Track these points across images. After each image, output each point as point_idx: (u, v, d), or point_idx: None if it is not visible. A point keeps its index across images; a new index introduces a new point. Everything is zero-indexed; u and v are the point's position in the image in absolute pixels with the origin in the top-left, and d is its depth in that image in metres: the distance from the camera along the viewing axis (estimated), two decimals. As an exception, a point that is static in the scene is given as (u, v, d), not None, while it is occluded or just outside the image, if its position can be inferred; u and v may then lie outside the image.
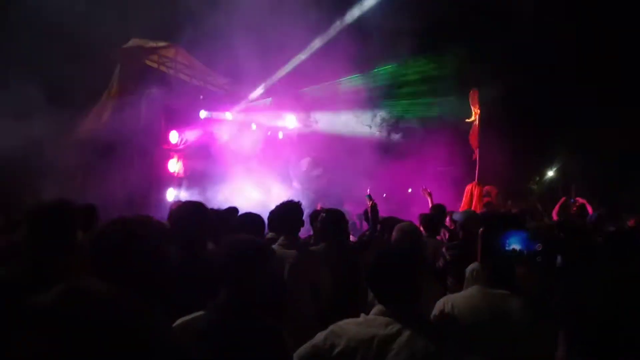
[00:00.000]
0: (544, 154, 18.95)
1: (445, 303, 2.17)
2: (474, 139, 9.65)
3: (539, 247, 1.82)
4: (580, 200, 8.34)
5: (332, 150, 12.00)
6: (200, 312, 1.97)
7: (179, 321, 1.94)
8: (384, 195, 19.43)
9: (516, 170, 18.43)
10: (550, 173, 18.20)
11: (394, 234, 3.49)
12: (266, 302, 2.09)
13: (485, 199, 8.85)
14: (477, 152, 9.57)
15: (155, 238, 1.69)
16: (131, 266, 1.59)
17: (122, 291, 1.07)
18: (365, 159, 13.18)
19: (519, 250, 1.97)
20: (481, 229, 2.10)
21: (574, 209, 8.08)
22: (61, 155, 9.17)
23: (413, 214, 8.73)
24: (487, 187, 9.42)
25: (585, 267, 2.18)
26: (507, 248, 1.99)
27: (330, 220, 4.05)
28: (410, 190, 18.40)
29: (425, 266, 3.58)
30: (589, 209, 7.86)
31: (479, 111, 9.49)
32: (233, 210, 5.27)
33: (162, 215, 6.62)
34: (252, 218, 3.61)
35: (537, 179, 19.88)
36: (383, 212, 7.21)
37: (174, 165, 9.27)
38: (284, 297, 2.92)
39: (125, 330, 0.96)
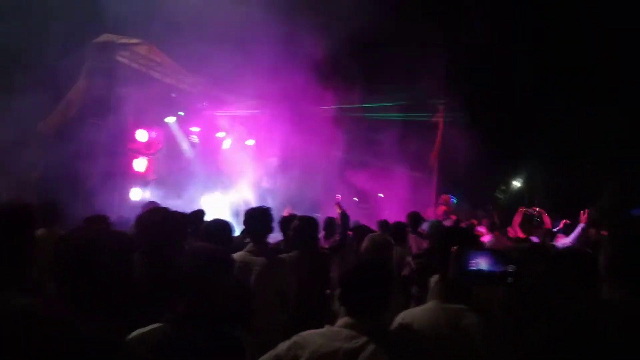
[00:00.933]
0: (511, 163, 19.42)
1: (404, 317, 2.18)
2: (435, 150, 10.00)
3: (511, 268, 1.80)
4: (540, 210, 8.59)
5: (302, 152, 12.00)
6: (158, 324, 1.91)
7: (135, 333, 1.88)
8: (355, 199, 19.56)
9: (482, 178, 18.89)
10: (516, 182, 18.68)
11: (365, 243, 3.50)
12: (229, 312, 2.05)
13: (441, 208, 8.92)
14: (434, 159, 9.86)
15: (116, 249, 1.66)
16: (90, 277, 1.56)
17: (48, 306, 1.08)
18: (337, 161, 13.30)
19: (487, 270, 1.96)
20: (454, 248, 2.07)
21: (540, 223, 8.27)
22: (24, 151, 8.88)
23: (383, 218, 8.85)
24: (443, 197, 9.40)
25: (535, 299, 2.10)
26: (472, 267, 1.99)
27: (303, 228, 4.06)
28: (381, 195, 18.59)
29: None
30: (547, 220, 8.13)
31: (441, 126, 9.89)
32: (200, 213, 5.22)
33: (125, 214, 6.50)
34: (218, 224, 3.47)
35: (503, 187, 20.40)
36: (354, 217, 7.32)
37: (140, 165, 9.07)
38: (249, 307, 2.88)
39: (45, 346, 0.97)
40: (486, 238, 6.91)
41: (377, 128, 15.05)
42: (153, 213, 2.73)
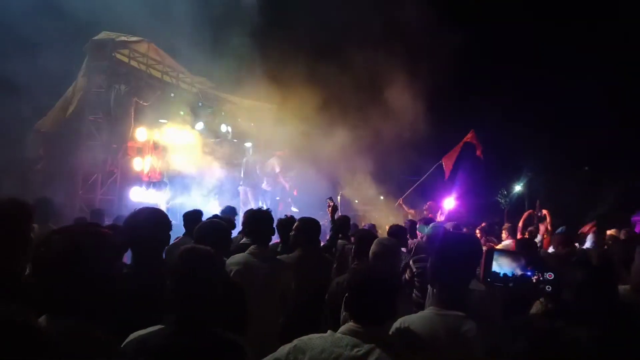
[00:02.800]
0: (513, 169, 19.52)
1: (402, 324, 2.14)
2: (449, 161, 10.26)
3: (549, 275, 1.71)
4: (544, 211, 8.70)
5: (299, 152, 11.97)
6: (157, 327, 1.88)
7: (133, 335, 1.85)
8: (356, 201, 19.53)
9: (484, 183, 19.00)
10: (518, 187, 18.73)
11: (374, 247, 3.41)
12: (225, 315, 2.03)
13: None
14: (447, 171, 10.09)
15: (101, 252, 1.66)
16: (68, 278, 1.56)
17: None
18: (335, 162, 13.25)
19: (520, 276, 1.87)
20: (485, 249, 1.99)
21: (540, 225, 8.39)
22: (23, 148, 8.84)
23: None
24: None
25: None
26: (503, 272, 1.91)
27: (305, 229, 4.01)
28: (382, 197, 18.56)
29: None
30: (549, 220, 8.26)
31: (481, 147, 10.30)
32: (197, 213, 5.15)
33: (125, 214, 6.44)
34: (212, 225, 3.24)
35: (505, 192, 20.41)
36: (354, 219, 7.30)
37: (140, 164, 9.00)
38: (244, 310, 2.83)
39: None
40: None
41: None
42: (138, 213, 2.67)
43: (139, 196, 8.72)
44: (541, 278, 1.79)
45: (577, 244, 6.13)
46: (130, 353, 1.79)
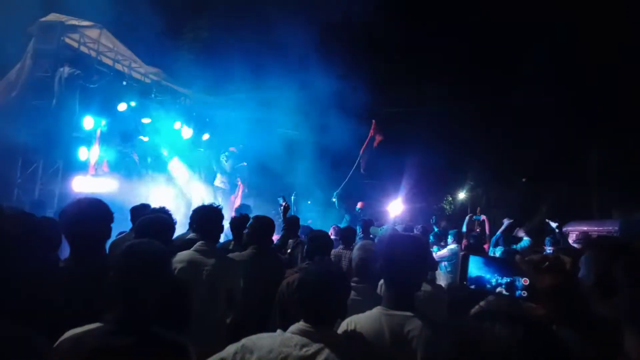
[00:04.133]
0: (457, 176, 20.31)
1: (349, 323, 2.16)
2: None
3: (524, 280, 1.75)
4: (483, 217, 9.32)
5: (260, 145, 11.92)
6: (95, 325, 1.79)
7: (68, 334, 1.76)
8: (309, 202, 19.66)
9: (430, 189, 19.68)
10: (462, 194, 19.51)
11: (358, 252, 3.37)
12: (167, 312, 1.95)
13: None
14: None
15: (28, 242, 1.55)
16: None
17: None
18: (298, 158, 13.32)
19: (495, 280, 1.89)
20: (462, 253, 2.04)
21: (477, 228, 8.91)
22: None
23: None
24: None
25: None
26: (479, 276, 1.92)
27: (259, 227, 4.01)
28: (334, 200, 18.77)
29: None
30: (487, 226, 8.81)
31: (381, 138, 10.62)
32: (144, 207, 5.01)
33: (62, 205, 6.17)
34: (155, 219, 3.11)
35: (450, 198, 21.16)
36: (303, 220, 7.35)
37: (86, 154, 8.61)
38: (188, 307, 2.78)
39: None
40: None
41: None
42: (76, 204, 2.54)
43: (83, 187, 8.35)
44: (517, 283, 1.84)
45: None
46: (64, 353, 1.70)
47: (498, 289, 1.80)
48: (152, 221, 2.97)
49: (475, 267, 1.89)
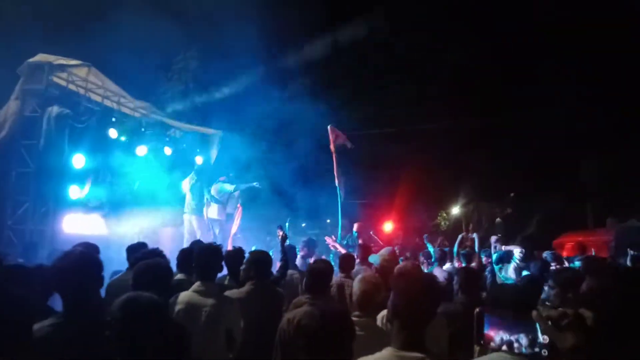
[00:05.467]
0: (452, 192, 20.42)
1: None
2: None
3: (544, 339, 1.58)
4: (473, 235, 9.37)
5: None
6: None
7: None
8: (303, 225, 19.62)
9: (424, 205, 19.77)
10: (456, 210, 19.59)
11: (359, 284, 3.28)
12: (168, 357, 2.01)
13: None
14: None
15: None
16: None
17: None
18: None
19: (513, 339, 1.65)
20: (477, 311, 1.85)
21: (469, 243, 8.93)
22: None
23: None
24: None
25: None
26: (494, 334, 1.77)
27: (256, 262, 3.97)
28: (328, 220, 18.83)
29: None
30: (477, 243, 8.80)
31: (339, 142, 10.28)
32: (140, 246, 4.95)
33: (58, 246, 6.09)
34: (154, 266, 3.05)
35: (444, 214, 21.19)
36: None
37: (77, 192, 8.54)
38: (189, 350, 2.74)
39: None
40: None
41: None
42: (63, 258, 2.58)
43: (74, 226, 8.25)
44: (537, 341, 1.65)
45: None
46: None
47: (516, 345, 1.67)
48: (150, 268, 2.94)
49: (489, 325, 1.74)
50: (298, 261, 6.70)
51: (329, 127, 10.44)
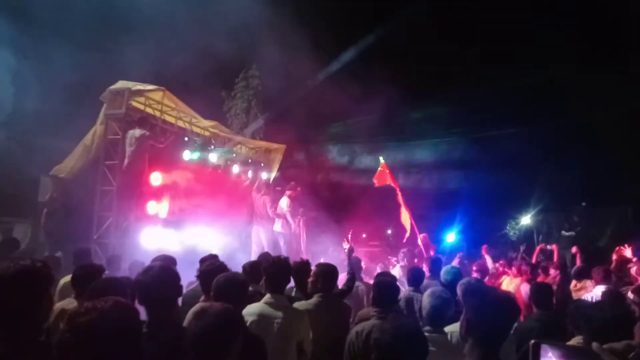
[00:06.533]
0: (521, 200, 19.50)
1: None
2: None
3: None
4: (552, 247, 8.98)
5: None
6: None
7: None
8: (364, 235, 19.57)
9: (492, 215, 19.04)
10: (527, 219, 18.68)
11: (429, 299, 3.21)
12: None
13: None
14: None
15: (128, 332, 1.67)
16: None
17: None
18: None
19: None
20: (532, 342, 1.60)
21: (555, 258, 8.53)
22: (42, 191, 9.08)
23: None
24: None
25: None
26: None
27: (323, 275, 4.06)
28: (389, 231, 18.68)
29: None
30: (555, 255, 8.42)
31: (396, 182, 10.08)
32: (212, 258, 5.19)
33: (139, 258, 6.55)
34: (229, 280, 3.11)
35: (514, 223, 20.24)
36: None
37: (154, 207, 9.13)
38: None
39: None
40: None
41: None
42: (146, 272, 2.81)
43: (152, 240, 8.80)
44: None
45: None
46: None
47: None
48: (228, 282, 3.11)
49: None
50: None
51: (381, 161, 10.25)
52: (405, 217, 9.85)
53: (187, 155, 9.83)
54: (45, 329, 2.33)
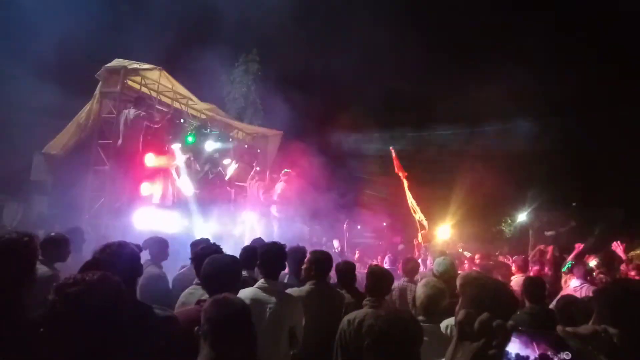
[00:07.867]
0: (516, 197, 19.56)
1: None
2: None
3: (565, 355, 1.40)
4: (549, 247, 8.90)
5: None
6: None
7: None
8: (359, 227, 19.53)
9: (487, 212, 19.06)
10: (522, 216, 18.76)
11: (423, 289, 3.18)
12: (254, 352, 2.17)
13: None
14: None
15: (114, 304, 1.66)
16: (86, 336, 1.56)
17: None
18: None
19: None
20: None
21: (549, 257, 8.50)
22: (34, 169, 8.94)
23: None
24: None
25: None
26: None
27: (317, 262, 4.01)
28: (384, 224, 18.69)
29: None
30: (550, 254, 8.40)
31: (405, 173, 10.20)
32: (203, 242, 5.13)
33: (125, 239, 6.48)
34: (219, 268, 2.98)
35: (509, 220, 20.31)
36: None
37: (148, 188, 9.01)
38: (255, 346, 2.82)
39: None
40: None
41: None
42: (103, 251, 2.65)
43: (145, 221, 8.71)
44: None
45: None
46: None
47: None
48: (217, 268, 2.98)
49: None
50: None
51: (392, 150, 10.51)
52: (413, 204, 10.11)
53: (182, 137, 9.69)
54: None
